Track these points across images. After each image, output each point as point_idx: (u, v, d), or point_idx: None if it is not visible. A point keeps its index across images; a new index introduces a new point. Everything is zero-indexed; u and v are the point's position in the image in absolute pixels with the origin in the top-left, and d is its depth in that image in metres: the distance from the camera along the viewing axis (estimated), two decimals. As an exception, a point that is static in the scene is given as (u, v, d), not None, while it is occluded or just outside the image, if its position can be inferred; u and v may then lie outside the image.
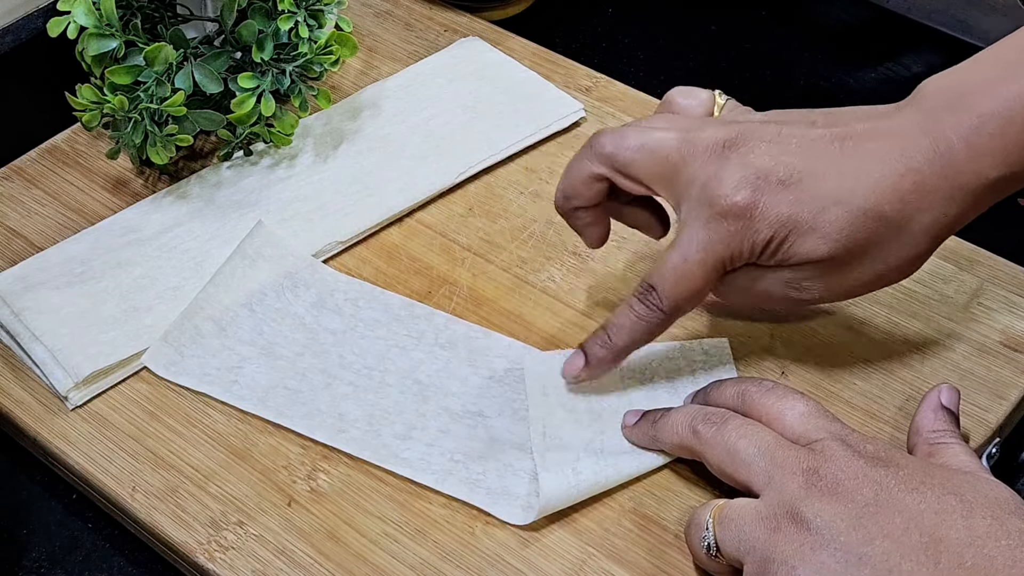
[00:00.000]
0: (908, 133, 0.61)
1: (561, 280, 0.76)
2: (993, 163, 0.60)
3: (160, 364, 0.71)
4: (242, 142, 0.82)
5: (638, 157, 0.64)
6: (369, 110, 0.87)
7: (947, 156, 0.61)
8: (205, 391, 0.70)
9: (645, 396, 0.68)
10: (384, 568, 0.63)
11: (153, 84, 0.76)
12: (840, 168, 0.61)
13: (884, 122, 0.62)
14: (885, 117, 0.63)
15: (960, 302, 0.74)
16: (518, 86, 0.88)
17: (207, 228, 0.79)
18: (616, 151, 0.65)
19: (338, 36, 0.81)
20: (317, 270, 0.76)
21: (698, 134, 0.63)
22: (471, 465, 0.66)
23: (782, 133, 0.62)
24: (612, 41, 0.98)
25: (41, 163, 0.85)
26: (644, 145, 0.64)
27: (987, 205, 0.63)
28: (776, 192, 0.61)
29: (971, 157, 0.60)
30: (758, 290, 0.64)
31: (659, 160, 0.64)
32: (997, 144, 0.60)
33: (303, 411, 0.69)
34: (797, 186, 0.61)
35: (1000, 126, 0.60)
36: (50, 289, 0.75)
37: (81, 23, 0.76)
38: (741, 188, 0.61)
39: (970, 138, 0.60)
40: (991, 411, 0.68)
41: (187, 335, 0.72)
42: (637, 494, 0.65)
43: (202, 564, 0.64)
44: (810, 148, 0.62)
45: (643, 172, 0.64)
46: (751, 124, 0.64)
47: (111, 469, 0.68)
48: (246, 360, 0.71)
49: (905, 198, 0.61)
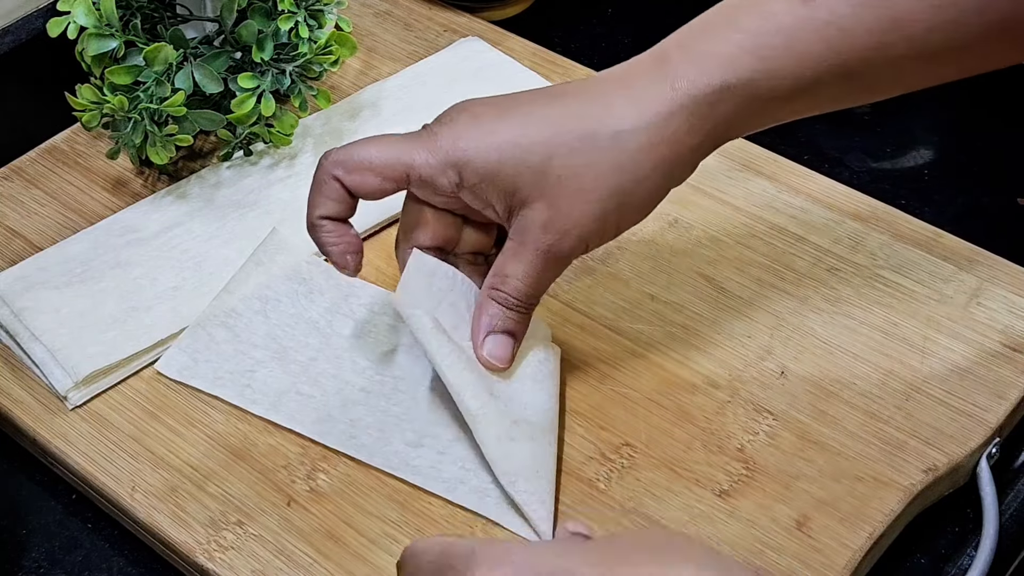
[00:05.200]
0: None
1: (561, 280, 0.76)
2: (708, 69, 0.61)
3: (173, 369, 0.71)
4: (242, 142, 0.82)
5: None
6: (369, 110, 0.87)
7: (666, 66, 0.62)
8: (218, 394, 0.70)
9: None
10: (384, 568, 0.63)
11: (153, 84, 0.76)
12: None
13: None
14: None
15: (960, 302, 0.74)
16: (518, 86, 0.87)
17: (207, 228, 0.79)
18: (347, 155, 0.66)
19: (338, 36, 0.81)
20: (332, 276, 0.75)
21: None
22: (482, 474, 0.66)
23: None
24: (612, 41, 0.98)
25: (41, 163, 0.85)
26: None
27: (719, 124, 0.63)
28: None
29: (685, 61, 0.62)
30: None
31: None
32: (706, 50, 0.61)
33: (315, 416, 0.69)
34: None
35: (705, 27, 0.62)
36: (50, 289, 0.75)
37: (81, 23, 0.76)
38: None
39: (682, 43, 0.62)
40: (991, 411, 0.68)
41: (201, 342, 0.72)
42: (637, 494, 0.65)
43: (202, 564, 0.64)
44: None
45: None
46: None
47: (111, 469, 0.68)
48: (259, 364, 0.71)
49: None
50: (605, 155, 0.62)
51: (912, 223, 0.78)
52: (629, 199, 0.63)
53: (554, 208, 0.62)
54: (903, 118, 0.91)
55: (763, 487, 0.65)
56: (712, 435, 0.68)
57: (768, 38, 0.61)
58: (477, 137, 0.63)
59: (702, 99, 0.61)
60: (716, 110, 0.62)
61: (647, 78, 0.62)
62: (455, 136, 0.63)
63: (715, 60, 0.61)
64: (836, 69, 0.61)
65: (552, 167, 0.62)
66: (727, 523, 0.64)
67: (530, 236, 0.63)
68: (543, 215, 0.63)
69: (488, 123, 0.63)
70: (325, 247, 0.66)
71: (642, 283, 0.76)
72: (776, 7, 0.61)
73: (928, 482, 0.66)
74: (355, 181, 0.65)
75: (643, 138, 0.62)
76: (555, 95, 0.64)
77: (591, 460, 0.67)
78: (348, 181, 0.65)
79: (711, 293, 0.75)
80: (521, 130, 0.63)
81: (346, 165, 0.65)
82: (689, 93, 0.61)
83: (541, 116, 0.63)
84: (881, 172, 0.88)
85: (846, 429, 0.68)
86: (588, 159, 0.62)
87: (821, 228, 0.78)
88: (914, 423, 0.68)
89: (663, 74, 0.62)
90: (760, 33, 0.61)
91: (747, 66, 0.61)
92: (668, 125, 0.61)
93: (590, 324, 0.73)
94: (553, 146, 0.62)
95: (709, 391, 0.70)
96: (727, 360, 0.71)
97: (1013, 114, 0.92)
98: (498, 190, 0.63)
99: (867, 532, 0.63)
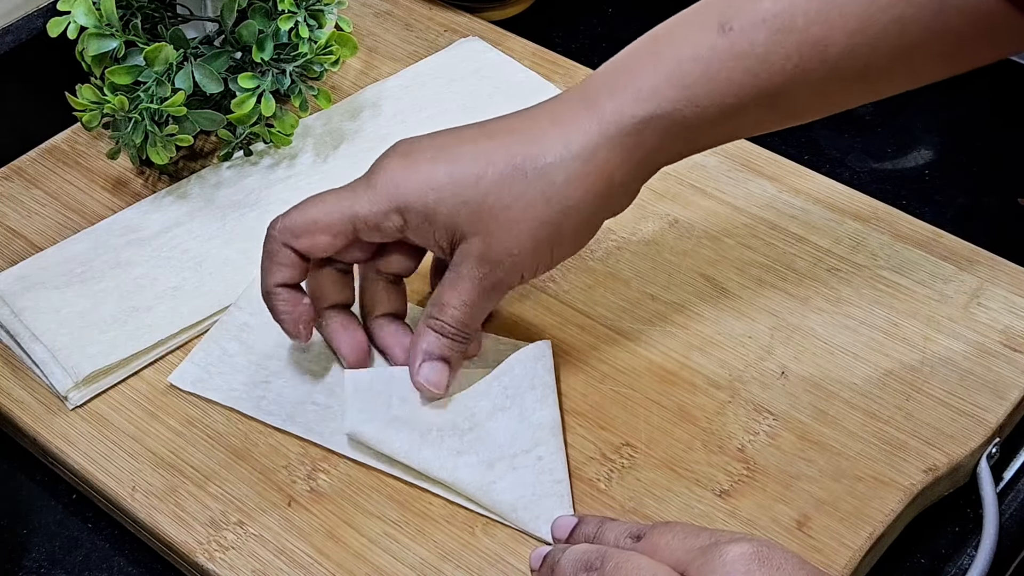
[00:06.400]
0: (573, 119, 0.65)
1: (561, 280, 0.76)
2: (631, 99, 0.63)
3: (187, 382, 0.71)
4: (242, 142, 0.82)
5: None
6: (369, 110, 0.87)
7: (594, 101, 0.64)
8: (234, 406, 0.70)
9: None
10: (384, 568, 0.63)
11: (153, 84, 0.76)
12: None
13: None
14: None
15: (960, 302, 0.74)
16: (518, 86, 0.88)
17: (207, 228, 0.79)
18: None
19: (338, 36, 0.81)
20: None
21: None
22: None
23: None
24: (612, 41, 0.98)
25: (41, 163, 0.85)
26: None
27: (650, 152, 0.64)
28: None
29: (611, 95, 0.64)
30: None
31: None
32: (629, 80, 0.63)
33: (332, 427, 0.68)
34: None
35: (628, 62, 0.64)
36: (50, 289, 0.75)
37: (81, 23, 0.76)
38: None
39: (608, 76, 0.65)
40: (991, 411, 0.68)
41: (214, 355, 0.72)
42: (637, 493, 0.65)
43: (202, 564, 0.64)
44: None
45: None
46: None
47: (111, 469, 0.68)
48: (273, 375, 0.71)
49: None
50: (534, 188, 0.64)
51: (913, 223, 0.78)
52: (561, 230, 0.65)
53: (488, 240, 0.64)
54: (904, 118, 0.91)
55: (763, 487, 0.65)
56: (712, 435, 0.68)
57: (689, 67, 0.63)
58: (414, 180, 0.65)
59: (628, 131, 0.63)
60: (644, 140, 0.64)
61: (575, 112, 0.64)
62: (393, 182, 0.65)
63: (639, 92, 0.63)
64: (758, 95, 0.63)
65: (486, 202, 0.64)
66: (727, 523, 0.64)
67: (466, 267, 0.65)
68: (478, 247, 0.65)
69: (423, 165, 0.65)
70: (278, 316, 0.69)
71: (642, 283, 0.76)
72: (696, 37, 0.63)
73: (928, 482, 0.66)
74: (306, 244, 0.67)
75: (570, 170, 0.64)
76: (488, 133, 0.66)
77: (591, 460, 0.67)
78: (299, 246, 0.67)
79: (711, 293, 0.75)
80: (456, 168, 0.65)
81: (293, 231, 0.67)
82: (615, 125, 0.63)
83: (473, 154, 0.65)
84: (882, 172, 0.88)
85: (846, 429, 0.68)
86: (518, 192, 0.64)
87: (822, 228, 0.78)
88: (914, 423, 0.68)
89: (590, 108, 0.64)
90: (681, 63, 0.63)
91: (670, 97, 0.63)
92: (594, 157, 0.63)
93: (590, 324, 0.73)
94: (486, 182, 0.64)
95: (709, 391, 0.70)
96: (727, 360, 0.71)
97: (1013, 114, 0.91)
98: (440, 228, 0.65)
99: (867, 532, 0.63)
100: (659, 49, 0.64)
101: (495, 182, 0.64)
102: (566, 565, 0.58)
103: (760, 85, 0.62)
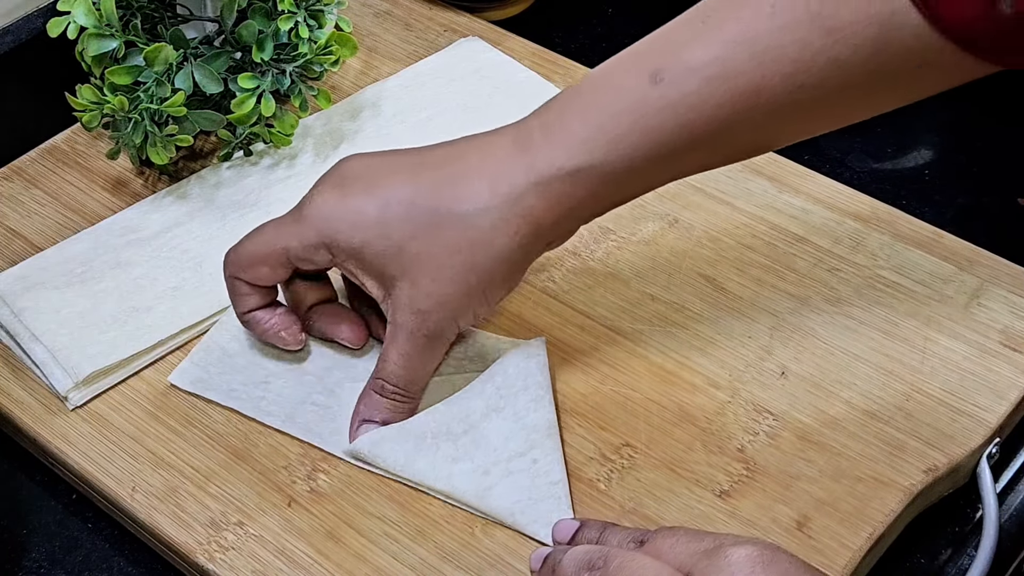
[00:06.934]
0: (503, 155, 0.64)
1: (561, 280, 0.76)
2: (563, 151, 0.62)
3: (187, 382, 0.71)
4: (242, 142, 0.82)
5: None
6: (369, 110, 0.87)
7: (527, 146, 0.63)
8: (233, 407, 0.70)
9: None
10: (384, 568, 0.63)
11: (153, 84, 0.76)
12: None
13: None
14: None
15: (960, 302, 0.74)
16: (518, 86, 0.88)
17: (207, 228, 0.79)
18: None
19: (338, 36, 0.81)
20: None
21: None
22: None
23: None
24: (612, 41, 0.98)
25: (41, 163, 0.85)
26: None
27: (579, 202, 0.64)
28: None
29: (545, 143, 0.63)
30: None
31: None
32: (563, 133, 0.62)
33: (331, 427, 0.68)
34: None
35: (563, 107, 0.63)
36: (50, 289, 0.75)
37: (81, 23, 0.76)
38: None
39: (543, 122, 0.63)
40: (991, 411, 0.68)
41: (214, 355, 0.72)
42: (637, 494, 0.65)
43: (202, 564, 0.64)
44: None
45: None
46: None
47: (111, 469, 0.68)
48: (273, 375, 0.71)
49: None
50: (458, 234, 0.63)
51: (913, 223, 0.78)
52: (490, 274, 0.64)
53: (416, 287, 0.64)
54: (904, 118, 0.91)
55: (763, 487, 0.65)
56: (712, 435, 0.68)
57: (620, 118, 0.62)
58: (342, 217, 0.65)
59: (559, 179, 0.63)
60: (575, 189, 0.63)
61: (505, 156, 0.64)
62: (323, 217, 0.65)
63: (569, 142, 0.63)
64: (693, 142, 0.62)
65: (410, 246, 0.64)
66: (727, 523, 0.64)
67: (400, 317, 0.65)
68: (407, 294, 0.64)
69: (353, 199, 0.65)
70: (261, 336, 0.70)
71: (642, 283, 0.76)
72: (628, 84, 0.62)
73: (928, 482, 0.66)
74: (251, 276, 0.68)
75: (495, 216, 0.63)
76: (421, 164, 0.65)
77: (591, 460, 0.67)
78: (246, 278, 0.69)
79: (711, 293, 0.75)
80: (384, 208, 0.64)
81: (239, 264, 0.69)
82: (545, 174, 0.63)
83: (401, 194, 0.64)
84: (882, 172, 0.88)
85: (846, 429, 0.68)
86: (442, 238, 0.63)
87: (822, 228, 0.78)
88: (914, 423, 0.68)
89: (521, 155, 0.63)
90: (613, 113, 0.62)
91: (600, 148, 0.62)
92: (520, 203, 0.63)
93: (590, 324, 0.73)
94: (411, 225, 0.64)
95: (709, 391, 0.70)
96: (727, 360, 0.71)
97: (1013, 114, 0.91)
98: (367, 268, 0.65)
99: (867, 532, 0.63)
100: (595, 95, 0.63)
101: (420, 226, 0.63)
102: (568, 565, 0.58)
103: (695, 133, 0.61)
